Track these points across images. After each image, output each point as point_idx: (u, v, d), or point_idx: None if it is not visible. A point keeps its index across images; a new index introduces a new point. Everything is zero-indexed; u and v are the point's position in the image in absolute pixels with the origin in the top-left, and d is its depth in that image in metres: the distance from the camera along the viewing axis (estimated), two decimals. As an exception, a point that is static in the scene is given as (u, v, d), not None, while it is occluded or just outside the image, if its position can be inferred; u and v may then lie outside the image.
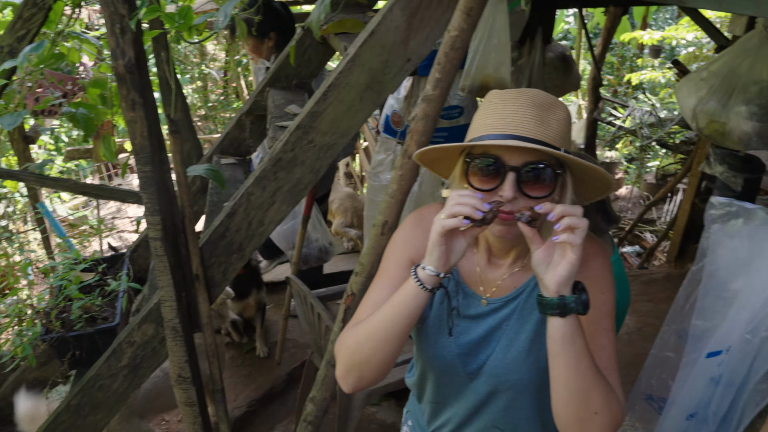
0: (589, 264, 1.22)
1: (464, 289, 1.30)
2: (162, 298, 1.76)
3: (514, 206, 1.09)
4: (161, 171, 1.65)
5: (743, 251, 1.10)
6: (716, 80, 2.40)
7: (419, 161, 1.26)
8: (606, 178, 1.13)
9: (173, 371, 1.88)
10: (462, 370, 1.30)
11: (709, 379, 1.15)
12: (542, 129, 1.08)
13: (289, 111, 2.14)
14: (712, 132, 2.55)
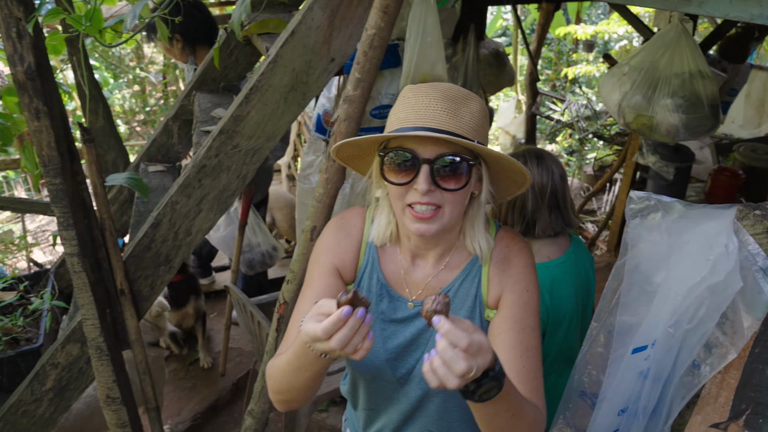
0: (512, 261, 1.22)
1: (390, 292, 1.28)
2: (83, 317, 1.67)
3: (432, 199, 1.09)
4: (74, 183, 1.57)
5: (663, 245, 1.11)
6: (638, 75, 2.45)
7: (338, 159, 1.24)
8: (521, 170, 1.13)
9: (101, 392, 1.79)
10: (392, 375, 1.28)
11: (637, 373, 1.17)
12: (455, 121, 1.08)
13: (215, 115, 2.08)
14: (640, 126, 2.60)
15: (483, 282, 1.23)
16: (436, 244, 1.24)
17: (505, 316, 1.19)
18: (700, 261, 1.00)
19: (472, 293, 1.24)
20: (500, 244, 1.26)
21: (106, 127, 2.45)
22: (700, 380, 1.04)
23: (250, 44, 2.35)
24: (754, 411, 0.87)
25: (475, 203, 1.21)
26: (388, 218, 1.26)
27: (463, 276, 1.25)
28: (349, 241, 1.30)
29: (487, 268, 1.24)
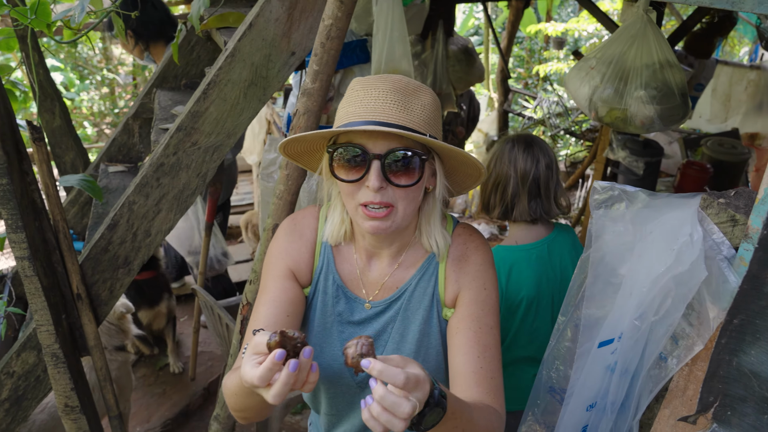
0: (470, 259, 1.19)
1: (346, 293, 1.24)
2: (37, 323, 1.60)
3: (383, 197, 1.05)
4: (22, 183, 1.50)
5: (627, 236, 1.09)
6: (607, 68, 2.44)
7: (286, 156, 1.19)
8: (475, 164, 1.10)
9: (59, 401, 1.72)
10: (351, 379, 1.24)
11: (605, 367, 1.15)
12: (405, 114, 1.04)
13: (175, 113, 2.02)
14: (614, 119, 2.58)
15: (440, 280, 1.20)
16: (391, 242, 1.20)
17: (463, 315, 1.16)
18: (664, 251, 0.98)
19: (429, 292, 1.21)
20: (457, 241, 1.22)
21: (63, 126, 2.37)
22: (668, 373, 1.02)
23: (212, 40, 2.29)
24: (722, 403, 0.85)
25: (430, 198, 1.17)
26: (341, 216, 1.21)
27: (419, 274, 1.22)
28: (303, 243, 1.25)
29: (444, 266, 1.20)
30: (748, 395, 0.82)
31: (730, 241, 0.96)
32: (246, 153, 4.29)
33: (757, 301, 0.79)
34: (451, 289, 1.19)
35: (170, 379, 3.33)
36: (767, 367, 0.79)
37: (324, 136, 1.10)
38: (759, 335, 0.79)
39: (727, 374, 0.84)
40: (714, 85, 5.23)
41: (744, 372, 0.81)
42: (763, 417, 0.81)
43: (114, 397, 1.87)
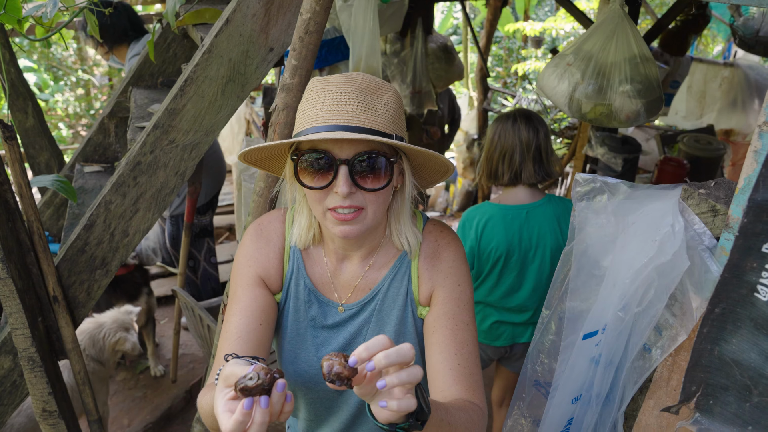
0: (442, 255, 1.18)
1: (318, 297, 1.22)
2: (12, 326, 1.56)
3: (353, 201, 1.02)
4: (-5, 183, 1.46)
5: (610, 227, 1.09)
6: (587, 64, 2.45)
7: (247, 163, 1.15)
8: (443, 161, 1.08)
9: (36, 406, 1.68)
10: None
11: (589, 360, 1.15)
12: (369, 115, 1.01)
13: (152, 111, 1.98)
14: (598, 115, 2.58)
15: (413, 279, 1.18)
16: (361, 244, 1.18)
17: (438, 313, 1.14)
18: (646, 242, 0.99)
19: (402, 291, 1.19)
20: (428, 238, 1.20)
21: (36, 126, 2.32)
22: (652, 364, 1.02)
23: (188, 37, 2.26)
24: (704, 392, 0.85)
25: (399, 197, 1.15)
26: (308, 220, 1.18)
27: (392, 274, 1.20)
28: (271, 248, 1.22)
29: (416, 264, 1.18)
30: (730, 384, 0.82)
31: (711, 231, 0.97)
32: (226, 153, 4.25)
33: (737, 289, 0.79)
34: (425, 287, 1.18)
35: (151, 383, 3.28)
36: (748, 355, 0.79)
37: (285, 145, 1.06)
38: (740, 324, 0.79)
39: (709, 363, 0.84)
40: (689, 82, 5.30)
41: (726, 361, 0.82)
42: (744, 405, 0.81)
43: (93, 401, 1.83)
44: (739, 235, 0.77)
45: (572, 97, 2.56)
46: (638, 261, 0.99)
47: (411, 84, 3.57)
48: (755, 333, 0.78)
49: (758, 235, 0.75)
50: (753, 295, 0.77)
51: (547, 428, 1.21)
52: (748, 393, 0.80)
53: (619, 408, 1.13)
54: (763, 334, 0.77)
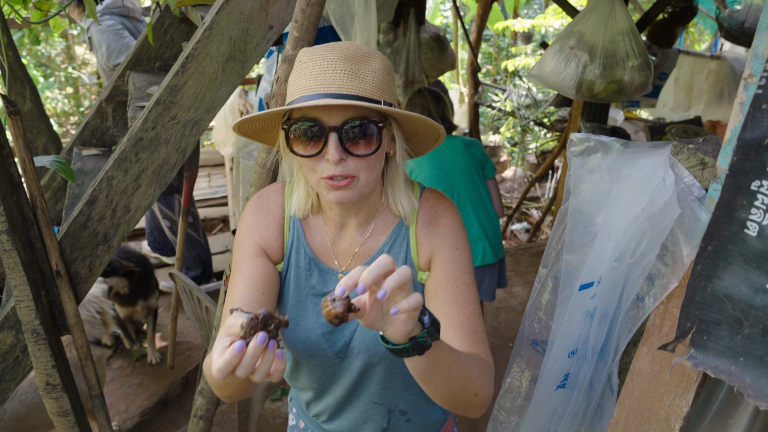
0: (439, 221, 1.21)
1: (319, 265, 1.24)
2: (17, 299, 1.58)
3: (345, 169, 1.05)
4: (0, 156, 1.48)
5: (603, 184, 1.13)
6: (591, 44, 2.52)
7: (242, 134, 1.18)
8: (433, 126, 1.11)
9: (39, 379, 1.70)
10: (330, 350, 1.24)
11: (585, 313, 1.18)
12: (356, 83, 1.03)
13: (151, 92, 2.01)
14: (610, 93, 2.65)
15: (412, 244, 1.21)
16: (358, 211, 1.20)
17: (439, 276, 1.17)
18: (639, 194, 1.03)
19: (401, 257, 1.22)
20: (425, 205, 1.23)
21: (34, 110, 2.33)
22: (645, 312, 1.06)
23: (186, 21, 2.29)
24: (698, 329, 0.89)
25: (392, 163, 1.18)
26: (306, 189, 1.21)
27: (390, 240, 1.22)
28: (271, 219, 1.25)
29: (414, 230, 1.21)
30: (722, 318, 0.87)
31: (700, 183, 1.01)
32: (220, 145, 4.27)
33: (728, 227, 0.83)
34: (424, 252, 1.21)
35: (147, 370, 3.30)
36: (739, 289, 0.84)
37: (277, 113, 1.09)
38: (731, 260, 0.84)
39: (702, 300, 0.88)
40: (677, 74, 5.39)
41: (718, 296, 0.86)
42: (736, 337, 0.86)
43: (96, 376, 1.86)
44: (729, 173, 0.82)
45: (582, 79, 2.61)
46: (631, 212, 1.03)
47: (404, 74, 3.61)
48: (745, 267, 0.82)
49: (747, 173, 0.80)
50: (743, 232, 0.82)
51: (545, 383, 1.25)
52: (740, 326, 0.84)
53: (613, 359, 1.17)
54: (752, 268, 0.81)
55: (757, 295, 0.82)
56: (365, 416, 1.32)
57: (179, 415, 3.03)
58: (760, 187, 0.80)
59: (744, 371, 0.86)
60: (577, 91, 2.57)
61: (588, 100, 2.66)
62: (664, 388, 1.01)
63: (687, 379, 0.97)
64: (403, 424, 1.34)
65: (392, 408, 1.31)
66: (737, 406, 0.97)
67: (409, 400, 1.31)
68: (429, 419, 1.37)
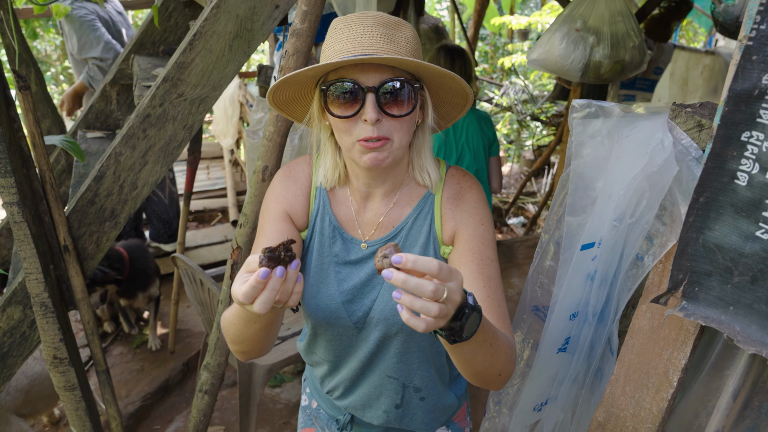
0: (465, 197, 1.23)
1: (342, 234, 1.26)
2: (26, 271, 1.61)
3: (380, 130, 1.07)
4: (10, 129, 1.51)
5: (604, 148, 1.16)
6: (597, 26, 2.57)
7: (274, 105, 1.21)
8: (464, 90, 1.13)
9: (47, 352, 1.73)
10: (348, 319, 1.25)
11: (585, 275, 1.21)
12: (392, 46, 1.07)
13: (156, 74, 2.04)
14: (614, 73, 2.73)
15: (436, 218, 1.22)
16: (384, 180, 1.22)
17: (463, 249, 1.19)
18: (638, 155, 1.06)
19: (425, 230, 1.23)
20: (451, 181, 1.25)
21: (39, 93, 2.36)
22: (644, 271, 1.10)
23: (191, 6, 2.32)
24: (690, 280, 0.93)
25: (420, 132, 1.20)
26: (334, 160, 1.24)
27: (415, 213, 1.24)
28: (298, 187, 1.28)
29: (439, 204, 1.23)
30: (713, 269, 0.90)
31: (698, 144, 1.05)
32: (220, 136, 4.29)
33: (719, 178, 0.87)
34: (448, 226, 1.22)
35: (148, 356, 3.32)
36: (729, 239, 0.87)
37: (314, 74, 1.11)
38: (722, 210, 0.87)
39: (694, 252, 0.92)
40: (672, 69, 5.43)
41: (709, 247, 0.89)
42: (726, 287, 0.89)
43: (101, 352, 1.88)
44: (721, 123, 0.85)
45: (590, 61, 2.66)
46: (631, 172, 1.06)
47: (403, 64, 3.64)
48: (735, 216, 0.85)
49: (738, 124, 0.83)
50: (733, 182, 0.85)
51: (546, 347, 1.29)
52: (730, 275, 0.88)
53: (613, 320, 1.20)
54: (742, 217, 0.85)
55: (747, 242, 0.85)
56: (379, 391, 1.32)
57: (180, 401, 3.05)
58: (750, 137, 0.83)
59: (734, 319, 0.90)
60: (584, 73, 2.62)
61: (592, 81, 2.72)
62: (662, 343, 1.05)
63: (684, 332, 1.01)
64: (416, 402, 1.34)
65: (407, 383, 1.32)
66: (732, 358, 1.01)
67: (424, 376, 1.31)
68: (443, 402, 1.37)
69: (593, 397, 1.32)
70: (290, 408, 3.05)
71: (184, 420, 2.94)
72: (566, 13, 2.63)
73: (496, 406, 1.46)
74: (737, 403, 0.98)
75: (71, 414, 1.83)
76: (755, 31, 0.80)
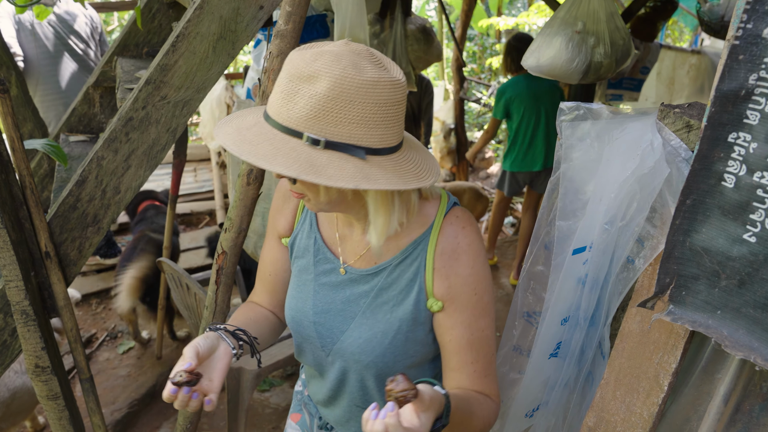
0: (461, 259, 1.12)
1: (326, 254, 1.22)
2: (6, 279, 1.57)
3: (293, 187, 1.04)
4: (-11, 132, 1.48)
5: (594, 150, 1.15)
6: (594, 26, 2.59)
7: None
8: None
9: (29, 361, 1.69)
10: (317, 340, 1.22)
11: (577, 280, 1.20)
12: (286, 108, 0.93)
13: (139, 76, 2.01)
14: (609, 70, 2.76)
15: (427, 269, 1.12)
16: (358, 214, 1.13)
17: (454, 321, 1.12)
18: (629, 157, 1.05)
19: (408, 276, 1.14)
20: (448, 231, 1.13)
21: (20, 96, 2.31)
22: (635, 274, 1.09)
23: (174, 7, 2.29)
24: (677, 284, 0.91)
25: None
26: None
27: (401, 257, 1.15)
28: (289, 205, 1.29)
29: (432, 255, 1.12)
30: (700, 273, 0.89)
31: (687, 145, 1.04)
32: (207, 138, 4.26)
33: (706, 180, 0.85)
34: (440, 284, 1.12)
35: (134, 362, 3.28)
36: (716, 242, 0.86)
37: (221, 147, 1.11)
38: (709, 213, 0.86)
39: (681, 255, 0.90)
40: (659, 68, 5.46)
41: (696, 250, 0.88)
42: (713, 291, 0.88)
43: (85, 359, 1.85)
44: (708, 125, 0.84)
45: (592, 62, 2.67)
46: (621, 174, 1.05)
47: (390, 65, 3.62)
48: (722, 219, 0.84)
49: (724, 125, 0.82)
50: (720, 184, 0.84)
51: (538, 352, 1.27)
52: (717, 278, 0.87)
53: (604, 323, 1.19)
54: (729, 219, 0.84)
55: (734, 246, 0.84)
56: (348, 416, 1.30)
57: (167, 407, 3.01)
58: (737, 138, 0.82)
59: (721, 324, 0.89)
60: (584, 75, 2.63)
61: (591, 81, 2.74)
62: (653, 347, 1.04)
63: (675, 336, 1.00)
64: None
65: None
66: (723, 362, 1.00)
67: None
68: None
69: (584, 402, 1.31)
70: (279, 412, 3.02)
71: (171, 426, 2.90)
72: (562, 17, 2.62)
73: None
74: (728, 406, 0.97)
75: (54, 424, 1.80)
76: (741, 30, 0.79)
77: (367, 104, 0.91)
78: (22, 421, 2.38)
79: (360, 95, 0.90)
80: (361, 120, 0.91)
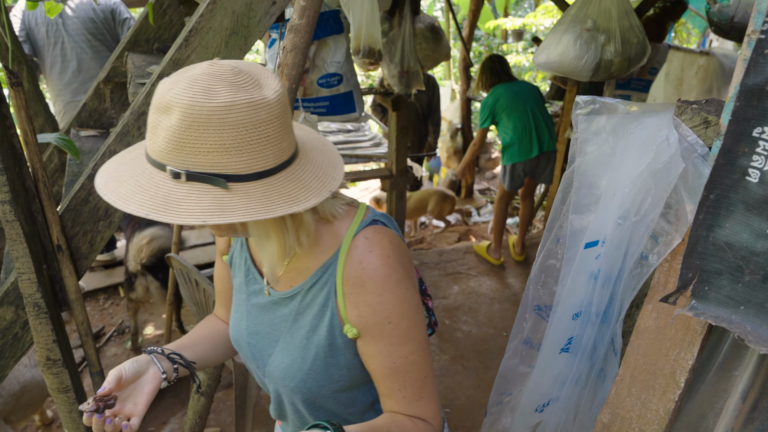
0: (367, 286, 1.04)
1: (254, 275, 1.20)
2: (19, 271, 1.58)
3: None
4: (2, 126, 1.48)
5: (608, 145, 1.15)
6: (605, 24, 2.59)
7: None
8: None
9: (40, 353, 1.70)
10: (253, 362, 1.20)
11: (589, 275, 1.20)
12: (152, 140, 0.89)
13: (150, 71, 2.01)
14: (621, 70, 2.78)
15: (338, 294, 1.07)
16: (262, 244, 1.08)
17: (372, 351, 1.08)
18: (644, 152, 1.05)
19: (320, 301, 1.10)
20: (353, 256, 1.05)
21: (31, 91, 2.32)
22: (649, 270, 1.08)
23: (185, 3, 2.29)
24: (700, 279, 0.91)
25: None
26: None
27: (312, 281, 1.10)
28: None
29: (341, 280, 1.06)
30: (723, 268, 0.88)
31: (704, 141, 1.03)
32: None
33: (730, 174, 0.85)
34: (353, 312, 1.06)
35: (142, 358, 3.29)
36: (740, 236, 0.85)
37: None
38: (732, 208, 0.86)
39: (704, 250, 0.90)
40: (667, 69, 5.44)
41: (719, 245, 0.88)
42: (736, 286, 0.87)
43: (95, 353, 1.85)
44: (732, 120, 0.84)
45: (602, 60, 2.68)
46: (636, 169, 1.05)
47: (399, 64, 3.62)
48: (746, 214, 0.84)
49: (749, 119, 0.82)
50: (744, 179, 0.83)
51: (549, 346, 1.27)
52: (740, 273, 0.86)
53: (617, 320, 1.19)
54: (753, 214, 0.83)
55: (758, 241, 0.84)
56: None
57: (175, 402, 3.02)
58: (762, 133, 0.81)
59: (744, 319, 0.88)
60: (594, 73, 2.64)
61: (602, 79, 2.74)
62: (669, 343, 1.03)
63: (692, 332, 0.99)
64: None
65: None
66: (741, 359, 0.99)
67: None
68: None
69: (596, 399, 1.30)
70: (286, 409, 3.03)
71: (179, 422, 2.91)
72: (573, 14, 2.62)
73: (497, 407, 1.44)
74: (746, 404, 0.97)
75: (65, 416, 1.80)
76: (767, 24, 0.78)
77: (224, 130, 0.84)
78: (32, 415, 2.39)
79: (213, 122, 0.83)
80: (220, 147, 0.84)
